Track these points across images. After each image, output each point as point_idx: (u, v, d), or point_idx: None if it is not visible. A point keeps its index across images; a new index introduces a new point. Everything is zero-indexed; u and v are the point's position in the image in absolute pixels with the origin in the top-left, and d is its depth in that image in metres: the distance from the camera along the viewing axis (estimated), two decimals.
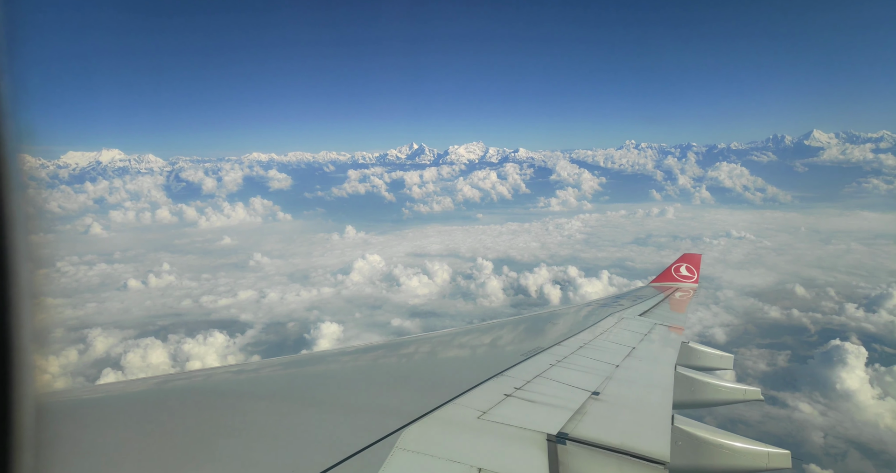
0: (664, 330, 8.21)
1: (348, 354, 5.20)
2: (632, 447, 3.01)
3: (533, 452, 2.77)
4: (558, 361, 5.05)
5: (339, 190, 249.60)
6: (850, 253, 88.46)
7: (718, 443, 3.87)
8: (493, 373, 4.24)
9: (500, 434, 2.96)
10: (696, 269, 15.88)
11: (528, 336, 6.78)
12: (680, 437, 3.72)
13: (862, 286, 67.98)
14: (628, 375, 4.96)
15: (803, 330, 56.82)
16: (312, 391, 3.51)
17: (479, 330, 7.38)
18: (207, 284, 79.88)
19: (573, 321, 8.16)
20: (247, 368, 4.32)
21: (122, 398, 3.28)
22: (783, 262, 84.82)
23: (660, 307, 11.08)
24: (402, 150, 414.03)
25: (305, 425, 2.77)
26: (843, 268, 78.80)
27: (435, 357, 5.19)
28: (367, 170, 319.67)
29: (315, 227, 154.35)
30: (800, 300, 64.63)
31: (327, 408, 3.10)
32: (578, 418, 3.40)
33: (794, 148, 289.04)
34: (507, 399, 3.59)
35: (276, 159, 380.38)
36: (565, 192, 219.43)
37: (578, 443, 2.98)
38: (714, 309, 60.88)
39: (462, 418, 3.13)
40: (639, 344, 6.79)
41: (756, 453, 3.95)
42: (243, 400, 3.16)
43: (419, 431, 2.80)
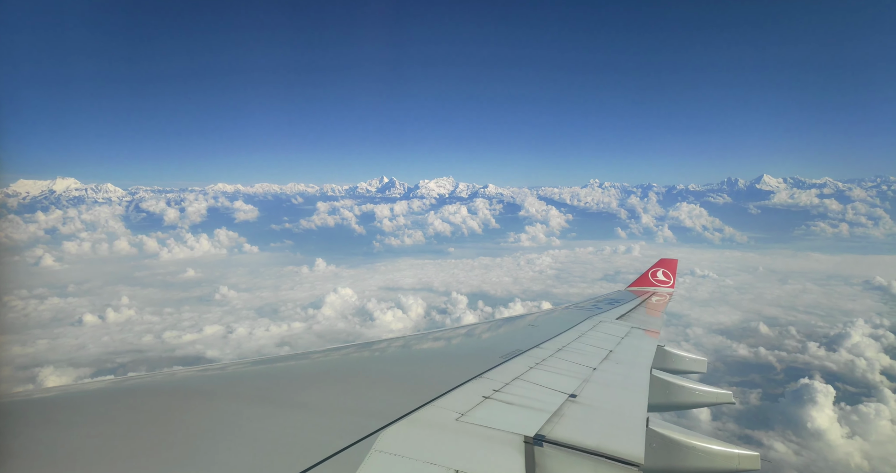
0: (640, 333, 8.29)
1: (326, 355, 5.06)
2: (607, 448, 3.04)
3: (510, 454, 2.78)
4: (537, 364, 5.09)
5: (308, 222, 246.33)
6: (807, 292, 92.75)
7: (691, 445, 3.94)
8: (472, 375, 4.26)
9: (477, 435, 2.96)
10: (673, 274, 16.15)
11: (507, 338, 6.75)
12: (654, 439, 3.78)
13: (820, 325, 71.01)
14: (605, 378, 5.01)
15: (770, 367, 58.51)
16: (288, 392, 3.44)
17: (458, 333, 7.34)
18: (170, 318, 76.24)
19: (552, 324, 8.11)
20: (220, 369, 4.17)
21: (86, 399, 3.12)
22: (746, 301, 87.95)
23: (636, 311, 11.20)
24: (372, 183, 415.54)
25: (281, 427, 2.73)
26: (801, 308, 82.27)
27: (414, 358, 5.16)
28: (337, 202, 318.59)
29: (283, 260, 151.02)
30: (764, 338, 66.80)
31: (304, 410, 3.06)
32: (556, 420, 3.43)
33: (747, 191, 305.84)
34: (485, 401, 3.62)
35: (243, 190, 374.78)
36: (534, 228, 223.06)
37: (555, 445, 3.00)
38: (685, 345, 62.16)
39: (440, 420, 3.13)
40: (616, 347, 6.83)
41: (727, 454, 4.04)
42: (216, 401, 3.09)
43: (397, 433, 2.79)
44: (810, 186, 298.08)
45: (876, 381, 52.42)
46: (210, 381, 3.72)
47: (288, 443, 2.53)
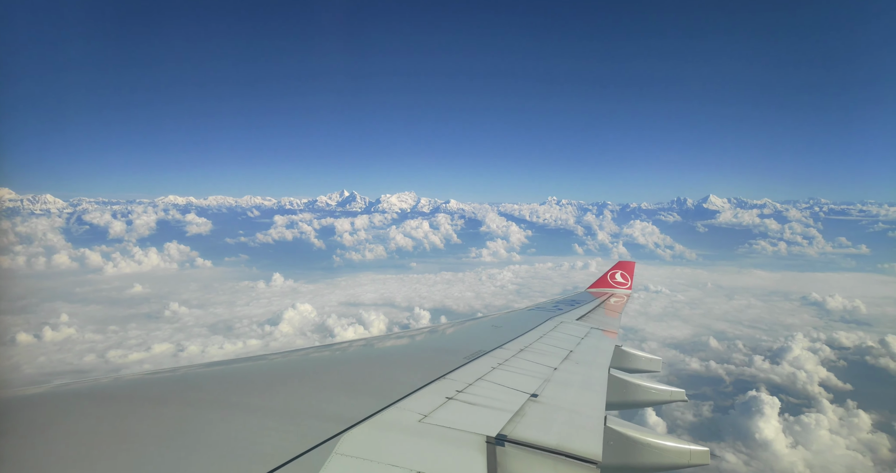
0: (599, 333, 8.51)
1: (286, 357, 4.98)
2: (567, 447, 3.12)
3: (472, 454, 2.81)
4: (500, 364, 5.18)
5: (265, 236, 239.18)
6: (751, 308, 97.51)
7: (646, 442, 4.10)
8: (435, 377, 4.29)
9: (440, 437, 2.98)
10: (630, 276, 16.67)
11: (470, 339, 6.80)
12: (612, 437, 3.91)
13: (764, 339, 74.73)
14: (565, 377, 5.12)
15: (720, 380, 60.99)
16: (246, 396, 3.38)
17: (422, 334, 7.35)
18: (115, 337, 71.93)
19: (515, 325, 8.27)
20: (172, 373, 4.07)
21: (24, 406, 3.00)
22: (696, 316, 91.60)
23: (596, 312, 11.49)
24: (332, 197, 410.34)
25: (238, 431, 2.69)
26: (746, 322, 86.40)
27: (377, 360, 5.14)
28: (295, 216, 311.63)
29: (238, 275, 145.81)
30: (714, 352, 69.67)
31: (262, 413, 3.01)
32: (517, 420, 3.50)
33: (694, 210, 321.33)
34: (448, 402, 3.65)
35: (195, 203, 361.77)
36: (495, 244, 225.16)
37: (516, 445, 3.05)
38: None
39: (403, 422, 3.13)
40: (576, 347, 6.99)
41: (679, 450, 4.23)
42: (168, 407, 3.02)
43: (359, 436, 2.79)
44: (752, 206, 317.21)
45: (815, 393, 55.55)
46: (162, 386, 3.58)
47: (245, 448, 2.48)
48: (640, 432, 4.17)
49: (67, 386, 3.43)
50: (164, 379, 3.84)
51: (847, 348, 68.43)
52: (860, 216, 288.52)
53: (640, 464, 4.08)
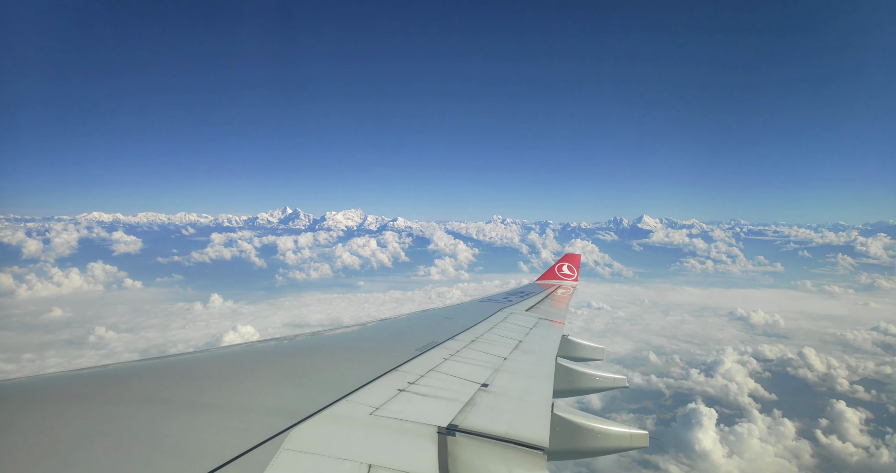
0: (547, 324, 8.73)
1: (232, 352, 4.88)
2: (515, 435, 3.20)
3: (423, 445, 2.84)
4: (451, 355, 5.26)
5: (201, 254, 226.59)
6: (685, 323, 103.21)
7: (590, 427, 4.31)
8: (387, 369, 4.33)
9: (391, 429, 3.00)
10: (577, 268, 17.34)
11: (422, 331, 6.85)
12: (558, 424, 4.06)
13: (699, 353, 79.21)
14: (515, 367, 5.26)
15: (660, 394, 63.88)
16: (191, 392, 3.30)
17: (372, 327, 7.36)
18: (31, 366, 65.35)
19: (466, 316, 8.41)
20: (116, 369, 3.91)
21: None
22: (636, 331, 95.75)
23: (544, 303, 11.82)
24: (274, 214, 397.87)
25: (181, 429, 2.61)
26: (682, 337, 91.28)
27: (327, 354, 5.09)
28: (234, 233, 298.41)
29: (173, 296, 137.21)
30: (654, 366, 73.01)
31: (208, 410, 2.95)
32: (468, 410, 3.56)
33: (630, 230, 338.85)
34: (400, 394, 3.68)
35: (123, 220, 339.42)
36: (443, 262, 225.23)
37: (467, 434, 3.11)
38: None
39: (354, 415, 3.14)
40: (525, 337, 7.15)
41: (621, 434, 4.45)
42: (110, 404, 2.93)
43: (308, 430, 2.77)
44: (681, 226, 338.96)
45: (745, 403, 59.38)
46: (99, 383, 3.43)
47: (189, 446, 2.41)
48: (585, 418, 4.35)
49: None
50: (102, 375, 3.67)
51: (771, 360, 73.96)
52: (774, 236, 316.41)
53: (585, 448, 4.29)
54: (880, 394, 62.90)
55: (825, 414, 55.95)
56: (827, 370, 68.49)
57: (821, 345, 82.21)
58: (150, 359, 4.35)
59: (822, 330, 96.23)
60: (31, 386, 3.24)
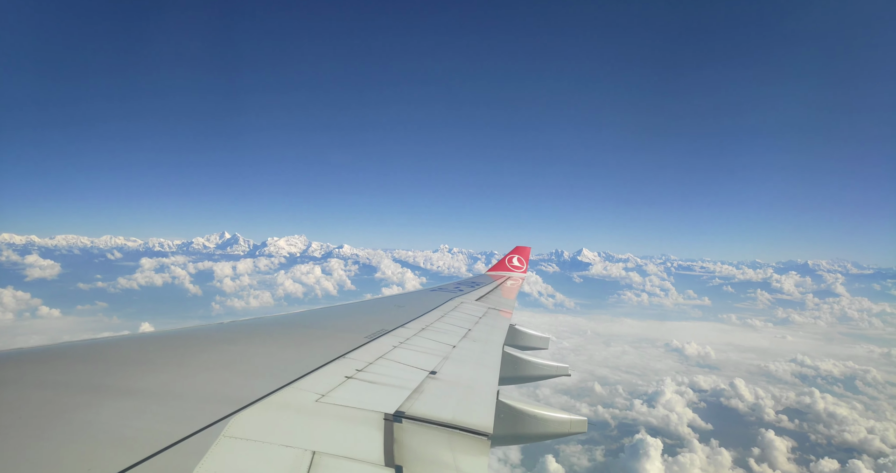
0: (496, 313, 8.98)
1: (168, 337, 4.69)
2: (461, 421, 3.25)
3: (369, 432, 2.85)
4: (401, 343, 5.30)
5: (129, 280, 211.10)
6: (626, 354, 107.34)
7: (533, 414, 4.44)
8: (335, 356, 4.30)
9: (337, 416, 3.00)
10: (526, 260, 17.98)
11: (372, 319, 6.81)
12: (503, 410, 4.15)
13: (640, 384, 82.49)
14: (463, 355, 5.33)
15: (606, 424, 65.72)
16: (122, 377, 3.14)
17: (321, 314, 7.25)
18: None
19: (417, 304, 8.49)
20: (39, 353, 3.70)
21: None
22: (580, 361, 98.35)
23: (494, 293, 12.23)
24: (210, 239, 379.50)
25: (116, 416, 2.51)
26: (624, 368, 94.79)
27: (272, 341, 4.94)
28: (166, 258, 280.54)
29: (96, 325, 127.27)
30: (599, 396, 75.21)
31: (141, 396, 2.83)
32: (415, 397, 3.58)
33: (570, 262, 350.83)
34: (347, 382, 3.67)
35: (38, 242, 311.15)
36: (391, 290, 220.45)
37: (414, 420, 3.13)
38: None
39: (299, 402, 3.11)
40: (474, 326, 7.30)
41: (561, 420, 4.61)
42: (33, 389, 2.80)
43: (250, 417, 2.73)
44: (618, 260, 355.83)
45: (685, 433, 62.26)
46: (20, 366, 3.25)
47: (124, 433, 2.32)
48: (529, 405, 4.47)
49: None
50: (23, 357, 3.49)
51: (706, 390, 78.30)
52: (701, 272, 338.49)
53: (527, 434, 4.46)
54: (802, 423, 68.15)
55: (756, 443, 59.85)
56: (755, 400, 73.42)
57: (748, 376, 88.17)
58: (79, 342, 4.10)
59: (749, 362, 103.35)
60: None
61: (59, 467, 1.97)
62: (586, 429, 4.70)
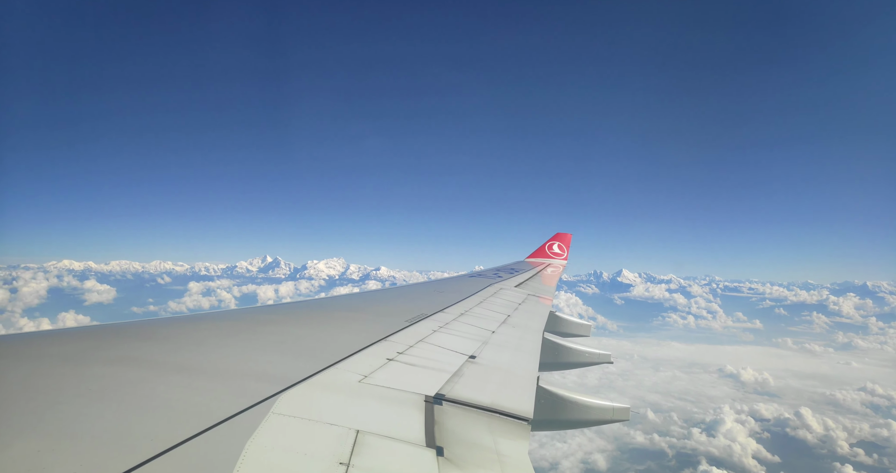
0: (535, 300, 8.99)
1: (221, 318, 4.87)
2: (501, 406, 3.27)
3: (410, 413, 2.88)
4: (440, 327, 5.35)
5: (178, 304, 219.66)
6: (677, 379, 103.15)
7: (574, 400, 4.45)
8: (377, 339, 4.39)
9: (380, 396, 3.05)
10: (567, 247, 17.67)
11: (413, 303, 6.88)
12: (543, 396, 4.16)
13: (696, 411, 78.93)
14: (502, 340, 5.35)
15: (663, 454, 62.97)
16: (177, 356, 3.29)
17: (363, 297, 7.39)
18: None
19: (456, 290, 8.52)
20: (105, 330, 3.87)
21: None
22: (630, 387, 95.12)
23: (533, 279, 12.18)
24: (253, 263, 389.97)
25: (173, 391, 2.64)
26: (676, 394, 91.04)
27: (317, 322, 5.07)
28: (212, 282, 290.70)
29: None
30: (652, 424, 72.31)
31: (196, 374, 2.95)
32: (455, 380, 3.62)
33: (610, 283, 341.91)
34: (389, 364, 3.74)
35: (95, 268, 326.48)
36: None
37: (454, 403, 3.16)
38: (588, 433, 64.92)
39: (343, 382, 3.19)
40: (513, 312, 7.29)
41: (604, 407, 4.63)
42: (93, 366, 2.90)
43: (298, 396, 2.80)
44: (660, 281, 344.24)
45: (751, 466, 58.91)
46: (88, 342, 3.41)
47: (180, 407, 2.43)
48: (570, 391, 4.50)
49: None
50: (89, 335, 3.66)
51: (768, 420, 74.16)
52: (750, 293, 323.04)
53: (568, 420, 4.48)
54: (882, 458, 63.30)
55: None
56: (825, 431, 68.95)
57: (813, 405, 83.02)
58: (138, 321, 4.34)
59: (811, 390, 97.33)
60: (21, 343, 3.28)
61: (125, 436, 2.08)
62: (629, 417, 4.70)
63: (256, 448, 2.11)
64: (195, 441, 2.08)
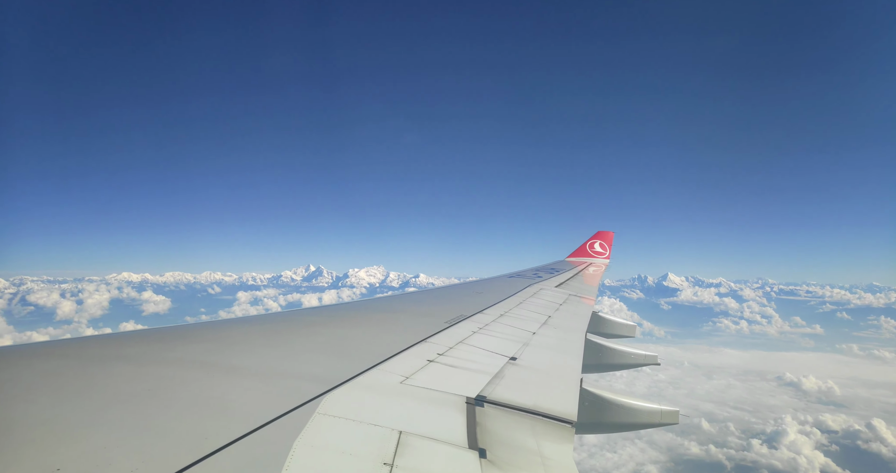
0: (577, 300, 8.86)
1: (266, 320, 5.03)
2: (544, 408, 3.22)
3: (452, 414, 2.87)
4: (480, 328, 5.29)
5: (228, 313, 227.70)
6: (732, 388, 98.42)
7: (619, 402, 4.33)
8: (416, 340, 4.37)
9: (421, 398, 3.05)
10: (609, 246, 17.07)
11: (452, 304, 6.82)
12: (587, 398, 4.10)
13: (754, 421, 75.01)
14: (544, 341, 5.23)
15: (721, 466, 60.06)
16: (227, 357, 3.40)
17: (402, 299, 7.37)
18: None
19: (496, 291, 8.40)
20: (160, 333, 4.07)
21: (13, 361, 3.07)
22: (681, 395, 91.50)
23: (574, 279, 11.95)
24: (297, 272, 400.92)
25: (224, 391, 2.70)
26: (731, 403, 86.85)
27: (359, 324, 5.13)
28: (259, 291, 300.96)
29: None
30: (707, 434, 69.17)
31: (244, 374, 3.04)
32: (496, 382, 3.59)
33: (655, 288, 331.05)
34: (429, 365, 3.74)
35: (151, 279, 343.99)
36: None
37: (495, 405, 3.14)
38: (639, 444, 62.86)
39: (385, 383, 3.21)
40: (554, 312, 7.15)
41: (651, 410, 4.49)
42: (150, 366, 3.04)
43: (341, 396, 2.83)
44: (709, 285, 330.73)
45: None
46: (139, 345, 3.57)
47: (229, 408, 2.51)
48: (615, 393, 4.39)
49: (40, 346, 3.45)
50: (141, 338, 3.82)
51: (836, 431, 69.48)
52: (808, 296, 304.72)
53: (613, 423, 4.35)
54: None
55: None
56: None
57: (887, 416, 77.09)
58: (191, 325, 4.53)
59: (883, 400, 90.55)
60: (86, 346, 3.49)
61: (181, 433, 2.17)
62: (678, 420, 4.55)
63: (304, 448, 2.17)
64: (247, 440, 2.16)
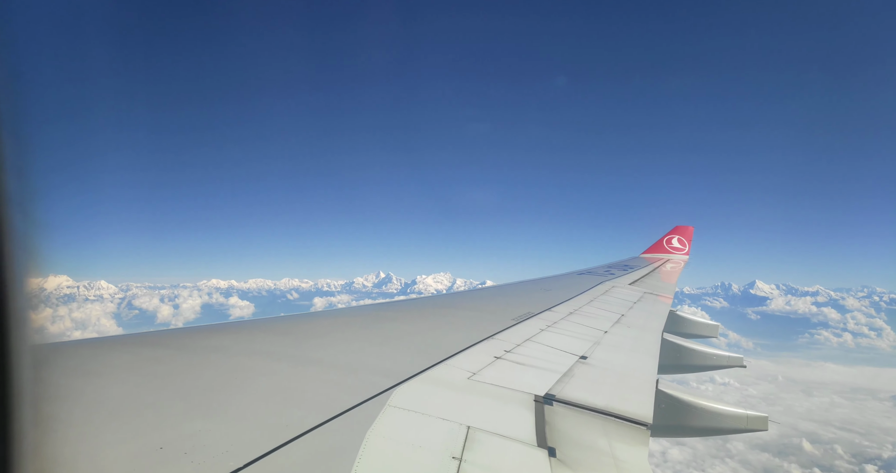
0: (653, 298, 8.44)
1: (340, 315, 5.13)
2: (616, 409, 3.11)
3: (521, 412, 2.83)
4: (548, 326, 5.20)
5: None
6: (836, 406, 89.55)
7: (700, 406, 4.06)
8: (484, 337, 4.38)
9: (489, 394, 3.04)
10: (688, 241, 16.08)
11: (520, 301, 6.69)
12: (664, 400, 3.86)
13: (867, 444, 67.67)
14: (616, 341, 5.07)
15: None
16: (304, 350, 3.54)
17: (470, 296, 7.31)
18: None
19: (565, 288, 8.20)
20: (241, 326, 4.31)
21: (121, 349, 3.24)
22: (776, 413, 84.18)
23: (650, 276, 11.34)
24: (368, 278, 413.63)
25: (298, 383, 2.82)
26: (837, 423, 78.90)
27: (427, 320, 5.17)
28: (333, 297, 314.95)
29: None
30: (809, 456, 63.23)
31: (319, 367, 3.15)
32: (566, 380, 3.51)
33: (741, 296, 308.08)
34: (496, 361, 3.72)
35: (236, 286, 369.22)
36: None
37: (565, 404, 3.06)
38: (730, 463, 58.50)
39: (453, 378, 3.23)
40: (628, 311, 6.91)
41: (736, 415, 4.22)
42: (237, 357, 3.19)
43: (411, 390, 2.88)
44: (803, 294, 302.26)
45: None
46: (219, 337, 3.73)
47: (306, 398, 2.60)
48: (695, 396, 4.14)
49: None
50: (221, 331, 4.00)
51: None
52: None
53: (693, 426, 4.08)
54: None
55: None
56: None
57: None
58: (267, 319, 4.76)
59: None
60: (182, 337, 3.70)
61: (264, 420, 2.28)
62: (767, 427, 4.27)
63: (375, 438, 2.25)
64: (323, 429, 2.28)
